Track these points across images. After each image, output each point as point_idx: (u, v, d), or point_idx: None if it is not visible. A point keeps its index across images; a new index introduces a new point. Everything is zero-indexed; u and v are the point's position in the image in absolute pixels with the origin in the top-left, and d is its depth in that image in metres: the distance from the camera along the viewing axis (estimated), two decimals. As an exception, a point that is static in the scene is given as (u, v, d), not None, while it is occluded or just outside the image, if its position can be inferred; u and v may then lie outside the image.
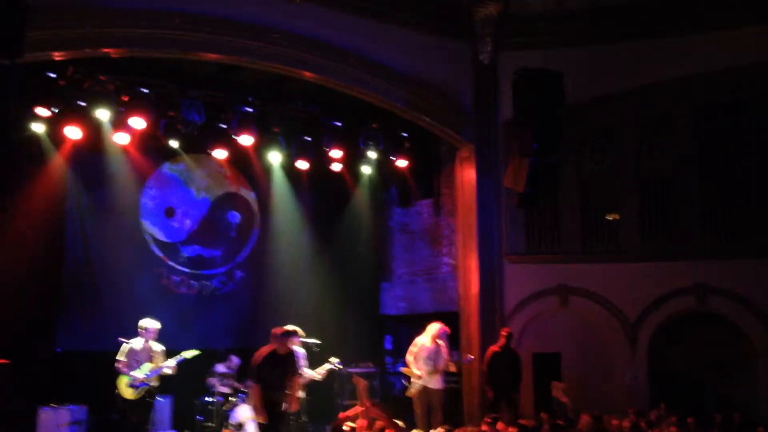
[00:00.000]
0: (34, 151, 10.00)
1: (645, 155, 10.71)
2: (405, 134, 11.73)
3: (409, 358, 9.61)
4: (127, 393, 8.87)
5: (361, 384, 7.77)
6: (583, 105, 10.65)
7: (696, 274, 10.20)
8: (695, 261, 10.26)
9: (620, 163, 10.80)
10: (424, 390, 9.42)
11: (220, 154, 11.27)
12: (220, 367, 10.66)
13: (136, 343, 8.96)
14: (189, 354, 9.13)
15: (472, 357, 10.27)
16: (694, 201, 10.38)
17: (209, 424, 10.33)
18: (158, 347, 9.06)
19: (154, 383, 8.97)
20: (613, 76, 10.63)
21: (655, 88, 10.54)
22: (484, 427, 7.18)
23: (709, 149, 10.42)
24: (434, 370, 9.40)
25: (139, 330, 8.97)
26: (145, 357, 8.92)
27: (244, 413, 10.20)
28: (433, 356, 9.46)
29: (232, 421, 9.99)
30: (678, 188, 10.50)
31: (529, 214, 11.01)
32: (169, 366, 8.97)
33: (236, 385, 10.78)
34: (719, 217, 10.26)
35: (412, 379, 9.53)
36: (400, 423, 7.99)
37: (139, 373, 8.87)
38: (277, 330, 8.19)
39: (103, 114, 9.62)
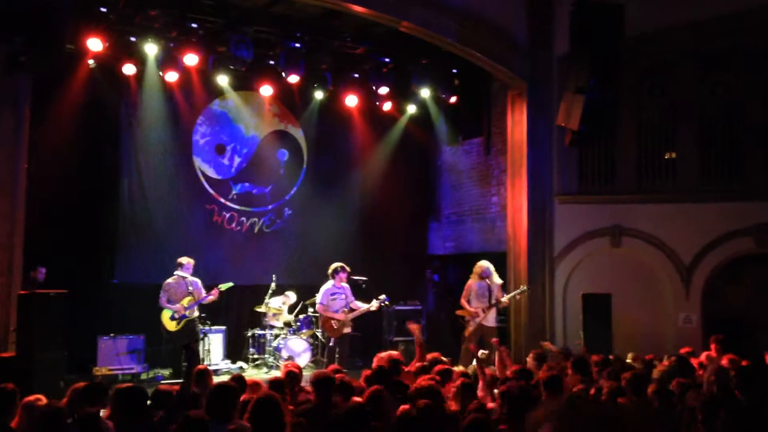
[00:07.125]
0: (87, 87, 10.09)
1: (707, 92, 10.25)
2: (455, 71, 11.46)
3: (463, 300, 9.77)
4: (170, 325, 9.50)
5: (414, 328, 7.99)
6: (643, 39, 10.16)
7: (755, 214, 9.84)
8: (755, 201, 9.89)
9: (680, 100, 10.35)
10: (479, 327, 9.58)
11: (267, 90, 11.24)
12: (273, 302, 10.87)
13: (175, 278, 9.40)
14: (224, 286, 9.62)
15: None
16: (758, 140, 9.93)
17: (262, 356, 10.61)
18: (195, 281, 9.55)
19: (194, 314, 9.51)
20: (675, 8, 10.07)
21: (719, 20, 9.95)
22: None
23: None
24: (488, 307, 9.57)
25: (177, 266, 9.46)
26: (183, 291, 9.34)
27: (296, 346, 10.43)
28: (484, 293, 9.62)
29: (284, 353, 10.23)
30: (741, 127, 10.04)
31: (582, 153, 10.71)
32: (207, 298, 9.46)
33: (288, 318, 11.01)
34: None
35: (467, 319, 9.70)
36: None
37: (179, 306, 9.39)
38: None
39: (152, 49, 9.66)
